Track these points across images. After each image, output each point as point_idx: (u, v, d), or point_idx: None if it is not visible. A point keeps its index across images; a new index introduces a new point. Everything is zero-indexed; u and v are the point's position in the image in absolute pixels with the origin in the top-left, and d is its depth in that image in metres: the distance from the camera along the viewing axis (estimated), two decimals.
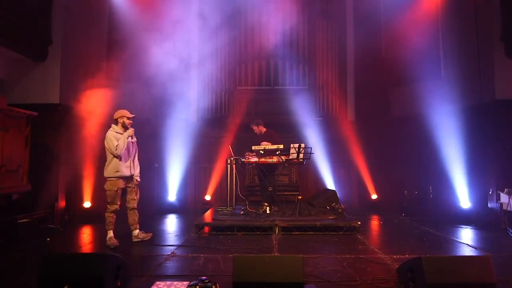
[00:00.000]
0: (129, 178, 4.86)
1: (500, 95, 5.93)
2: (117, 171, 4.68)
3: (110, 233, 4.69)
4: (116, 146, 4.62)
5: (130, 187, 4.88)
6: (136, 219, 4.93)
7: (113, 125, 4.84)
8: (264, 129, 6.55)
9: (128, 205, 4.91)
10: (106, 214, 4.70)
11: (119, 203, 4.76)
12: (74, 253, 4.26)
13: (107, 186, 4.73)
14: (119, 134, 4.75)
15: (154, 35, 7.18)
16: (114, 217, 4.73)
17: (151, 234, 5.11)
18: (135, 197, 4.93)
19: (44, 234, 5.36)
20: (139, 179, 4.99)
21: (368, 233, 5.61)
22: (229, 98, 8.18)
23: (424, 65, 7.20)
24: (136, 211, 4.95)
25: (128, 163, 4.81)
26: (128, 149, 4.80)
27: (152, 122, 7.73)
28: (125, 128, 4.83)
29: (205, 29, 7.97)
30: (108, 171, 4.71)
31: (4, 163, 5.03)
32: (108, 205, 4.71)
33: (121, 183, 4.76)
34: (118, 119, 4.83)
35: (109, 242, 4.61)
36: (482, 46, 6.17)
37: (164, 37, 7.05)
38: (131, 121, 4.88)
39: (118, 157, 4.67)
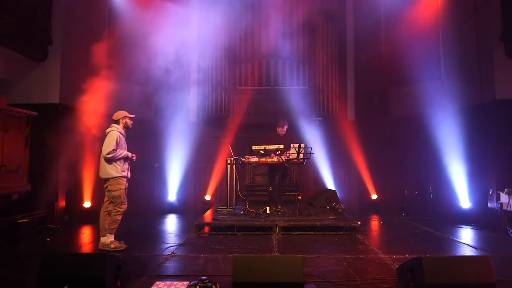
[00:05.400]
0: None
1: (500, 95, 5.93)
2: (123, 171, 4.59)
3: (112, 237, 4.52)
4: (114, 151, 4.47)
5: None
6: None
7: (115, 125, 4.69)
8: (284, 131, 6.60)
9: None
10: (117, 217, 4.52)
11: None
12: (74, 253, 4.25)
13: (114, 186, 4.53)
14: (122, 135, 4.66)
15: (154, 35, 7.18)
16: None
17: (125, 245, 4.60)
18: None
19: (44, 234, 5.37)
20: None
21: (368, 233, 5.61)
22: (229, 98, 8.17)
23: (424, 65, 7.19)
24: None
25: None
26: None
27: (152, 122, 7.75)
28: (127, 128, 4.76)
29: (205, 28, 7.97)
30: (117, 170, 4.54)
31: (4, 163, 5.03)
32: (117, 207, 4.53)
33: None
34: (120, 120, 4.71)
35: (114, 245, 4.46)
36: (482, 46, 6.16)
37: (164, 37, 7.05)
38: (132, 122, 4.80)
39: (106, 160, 4.49)
